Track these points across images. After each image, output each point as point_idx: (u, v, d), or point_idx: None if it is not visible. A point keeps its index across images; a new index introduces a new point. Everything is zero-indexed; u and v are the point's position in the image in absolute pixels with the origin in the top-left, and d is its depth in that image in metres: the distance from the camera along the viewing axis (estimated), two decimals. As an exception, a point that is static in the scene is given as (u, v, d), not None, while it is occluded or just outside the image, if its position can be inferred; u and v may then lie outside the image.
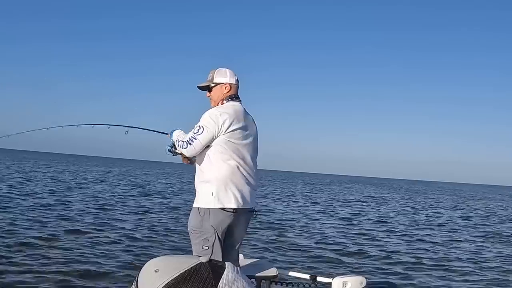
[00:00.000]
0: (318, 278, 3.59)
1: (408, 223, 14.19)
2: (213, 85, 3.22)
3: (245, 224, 3.22)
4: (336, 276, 3.48)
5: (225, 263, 0.74)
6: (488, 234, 12.79)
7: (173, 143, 3.24)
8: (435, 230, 12.76)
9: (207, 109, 3.18)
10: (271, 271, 3.55)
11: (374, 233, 11.18)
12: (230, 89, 3.20)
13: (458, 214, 19.81)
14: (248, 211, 3.17)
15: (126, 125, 3.68)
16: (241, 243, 3.29)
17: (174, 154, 3.24)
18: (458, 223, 15.27)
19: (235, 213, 3.04)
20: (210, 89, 3.24)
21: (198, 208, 3.07)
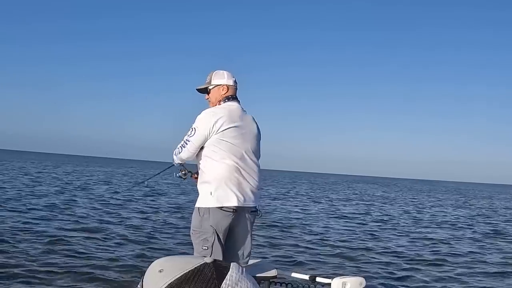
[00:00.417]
0: (318, 279, 3.57)
1: (410, 223, 14.17)
2: (211, 87, 3.24)
3: (247, 224, 3.19)
4: (335, 276, 3.47)
5: (230, 264, 0.73)
6: (490, 232, 12.76)
7: (179, 168, 3.38)
8: (437, 230, 12.73)
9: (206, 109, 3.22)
10: (271, 272, 3.54)
11: (375, 233, 11.17)
12: (228, 90, 3.22)
13: (461, 213, 19.76)
14: (250, 211, 3.17)
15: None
16: (247, 244, 3.24)
17: (184, 178, 3.40)
18: (461, 222, 15.22)
19: (235, 212, 3.04)
20: (208, 91, 3.26)
21: (198, 208, 3.09)
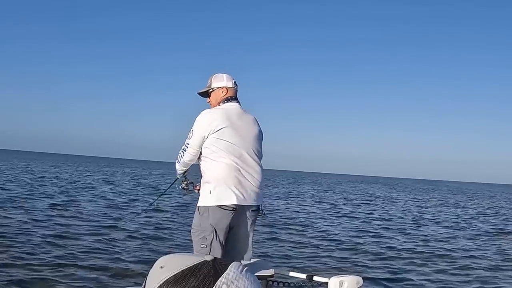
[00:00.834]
0: (315, 278, 3.57)
1: (411, 222, 14.15)
2: (211, 90, 3.31)
3: (248, 222, 3.21)
4: (332, 275, 3.47)
5: (230, 262, 0.74)
6: (492, 231, 12.76)
7: (181, 180, 3.50)
8: (438, 229, 12.70)
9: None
10: (268, 270, 3.53)
11: (374, 232, 11.16)
12: (227, 92, 3.28)
13: (462, 212, 19.74)
14: (251, 210, 3.18)
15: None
16: (248, 243, 3.27)
17: (186, 189, 3.51)
18: (462, 222, 15.21)
19: (235, 211, 3.06)
20: (209, 94, 3.34)
21: (199, 207, 3.14)
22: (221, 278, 0.70)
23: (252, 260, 3.80)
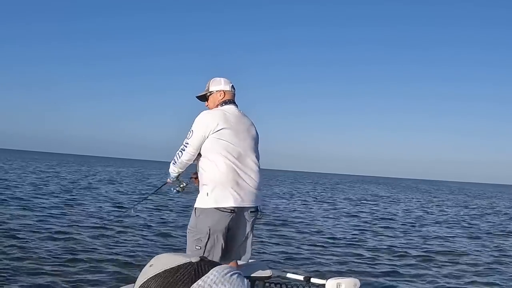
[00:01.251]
0: (312, 280, 3.55)
1: (411, 223, 14.11)
2: (209, 94, 3.34)
3: (247, 224, 3.20)
4: (330, 277, 3.45)
5: (217, 265, 0.74)
6: (492, 231, 12.73)
7: (176, 182, 3.48)
8: (438, 230, 12.66)
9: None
10: (265, 272, 3.53)
11: (374, 233, 11.12)
12: (225, 95, 3.31)
13: (463, 212, 19.70)
14: (250, 211, 3.16)
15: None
16: (247, 244, 3.26)
17: (183, 189, 3.49)
18: (462, 222, 15.17)
19: (233, 213, 3.04)
20: (207, 98, 3.36)
21: (196, 208, 3.12)
22: (199, 281, 0.71)
23: (249, 261, 3.79)
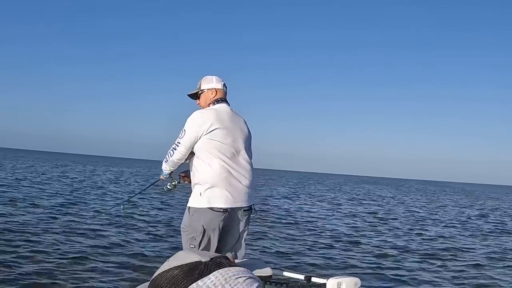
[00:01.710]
0: (313, 279, 3.54)
1: (413, 223, 14.07)
2: (201, 92, 3.33)
3: (240, 224, 3.20)
4: (330, 277, 3.44)
5: (225, 267, 0.74)
6: (494, 231, 12.67)
7: (168, 180, 3.48)
8: (440, 230, 12.61)
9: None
10: (266, 271, 3.51)
11: (376, 232, 11.09)
12: (216, 93, 3.30)
13: (466, 212, 19.62)
14: (243, 210, 3.17)
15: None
16: (241, 244, 3.27)
17: (173, 187, 3.49)
18: (464, 222, 15.12)
19: (226, 212, 3.06)
20: (198, 96, 3.36)
21: (189, 207, 3.14)
22: (198, 281, 0.71)
23: (249, 260, 3.78)
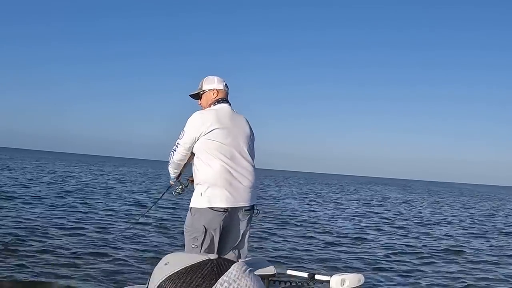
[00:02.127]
0: (316, 276, 3.56)
1: (419, 222, 14.02)
2: (202, 92, 3.35)
3: (241, 223, 3.21)
4: (334, 273, 3.46)
5: (234, 262, 0.76)
6: (501, 232, 12.62)
7: (176, 184, 3.52)
8: (444, 229, 12.56)
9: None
10: (269, 269, 3.53)
11: (380, 232, 11.04)
12: (218, 93, 3.31)
13: (472, 213, 19.52)
14: (245, 210, 3.17)
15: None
16: (243, 243, 3.27)
17: (181, 191, 3.52)
18: (470, 222, 15.05)
19: (226, 212, 3.06)
20: (200, 96, 3.37)
21: (191, 208, 3.15)
22: (223, 276, 0.72)
23: (253, 259, 3.80)
